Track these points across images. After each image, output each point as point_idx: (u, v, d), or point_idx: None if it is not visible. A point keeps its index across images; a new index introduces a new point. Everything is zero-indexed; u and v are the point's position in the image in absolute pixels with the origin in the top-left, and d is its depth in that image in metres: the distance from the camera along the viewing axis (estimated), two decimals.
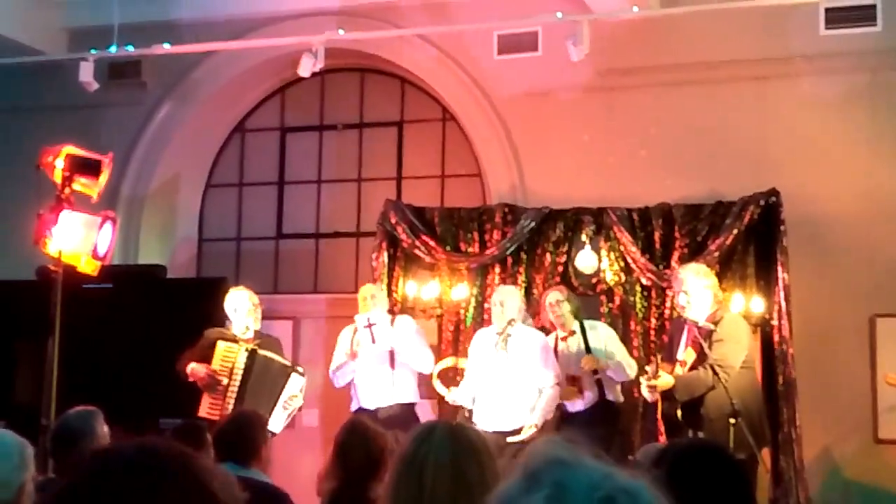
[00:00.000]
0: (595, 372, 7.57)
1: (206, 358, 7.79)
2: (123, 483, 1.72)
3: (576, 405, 7.73)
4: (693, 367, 6.82)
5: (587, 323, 7.80)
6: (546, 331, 7.99)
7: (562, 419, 7.75)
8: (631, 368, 7.64)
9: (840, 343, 8.34)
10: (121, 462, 1.76)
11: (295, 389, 7.91)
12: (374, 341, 7.96)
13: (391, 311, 8.41)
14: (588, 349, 7.61)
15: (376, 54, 9.93)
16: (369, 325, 7.97)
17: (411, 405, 8.04)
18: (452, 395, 7.82)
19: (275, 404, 7.77)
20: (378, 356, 7.99)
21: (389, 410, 7.82)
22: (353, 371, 8.11)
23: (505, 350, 7.52)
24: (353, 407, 8.06)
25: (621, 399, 7.80)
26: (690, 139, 8.86)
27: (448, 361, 8.35)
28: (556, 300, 7.73)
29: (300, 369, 8.05)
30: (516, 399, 7.61)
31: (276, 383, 7.85)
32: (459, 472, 2.56)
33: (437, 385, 8.16)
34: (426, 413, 8.35)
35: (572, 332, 7.76)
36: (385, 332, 8.00)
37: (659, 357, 7.10)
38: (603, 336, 7.78)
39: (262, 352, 7.84)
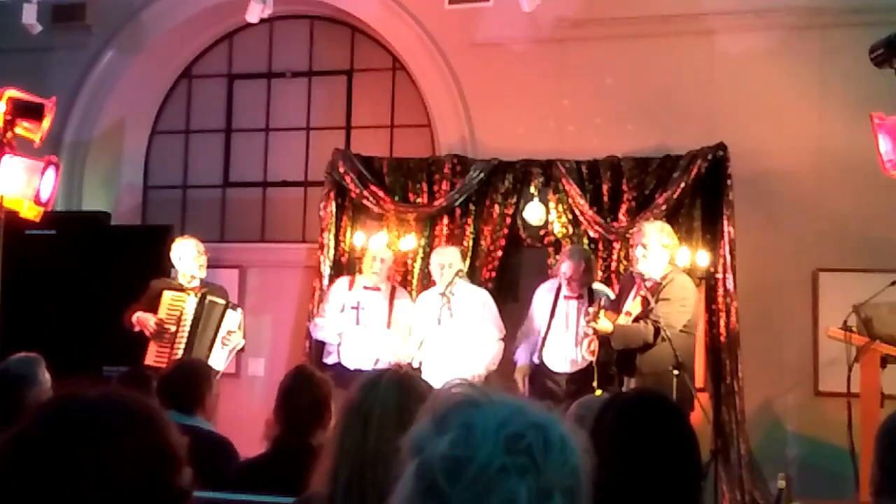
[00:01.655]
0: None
1: (153, 308, 7.76)
2: (83, 431, 1.70)
3: (564, 366, 7.71)
4: (637, 320, 6.85)
5: (596, 287, 7.81)
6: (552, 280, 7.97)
7: (547, 375, 7.69)
8: None
9: (783, 297, 8.43)
10: (83, 410, 1.74)
11: (232, 325, 7.91)
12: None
13: (338, 262, 8.40)
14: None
15: (326, 1, 9.82)
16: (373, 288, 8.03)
17: None
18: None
19: (213, 341, 7.77)
20: (376, 323, 8.00)
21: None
22: (336, 334, 8.09)
23: (449, 309, 7.58)
24: (331, 361, 8.00)
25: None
26: (640, 92, 8.86)
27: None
28: (568, 274, 7.61)
29: (238, 308, 8.03)
30: (462, 355, 7.73)
31: (214, 320, 7.83)
32: (406, 420, 2.55)
33: None
34: None
35: (580, 296, 7.73)
36: (381, 306, 8.02)
37: (602, 300, 7.12)
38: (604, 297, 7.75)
39: (211, 298, 7.83)
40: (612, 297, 7.76)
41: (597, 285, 7.90)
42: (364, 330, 8.01)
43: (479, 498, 1.37)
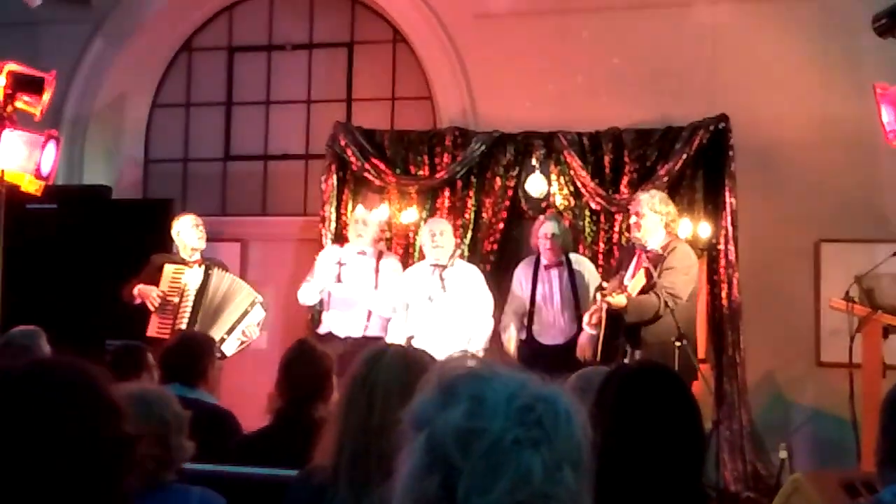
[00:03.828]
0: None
1: (154, 282, 7.77)
2: (16, 395, 1.76)
3: (557, 339, 7.73)
4: (643, 292, 6.83)
5: (572, 257, 7.83)
6: (531, 252, 7.97)
7: (538, 350, 7.70)
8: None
9: (785, 268, 8.43)
10: (11, 376, 1.81)
11: (256, 319, 7.92)
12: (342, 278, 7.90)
13: (339, 236, 8.38)
14: (574, 286, 7.63)
15: None
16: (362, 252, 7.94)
17: (380, 338, 8.02)
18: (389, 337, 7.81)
19: (234, 327, 7.79)
20: (361, 291, 7.93)
21: (358, 341, 7.77)
22: (319, 293, 8.04)
23: (442, 281, 7.56)
24: (322, 330, 8.00)
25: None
26: (642, 63, 8.82)
27: None
28: (552, 233, 7.61)
29: (263, 301, 8.02)
30: (456, 331, 7.66)
31: (240, 307, 7.84)
32: (410, 394, 2.56)
33: None
34: None
35: (559, 264, 7.74)
36: (368, 268, 7.94)
37: (621, 277, 7.07)
38: (586, 273, 7.76)
39: (220, 271, 7.84)
40: (592, 267, 7.81)
41: (575, 256, 7.90)
42: (346, 289, 7.91)
43: (493, 470, 1.37)
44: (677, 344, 6.49)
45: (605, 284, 7.03)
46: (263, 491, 3.60)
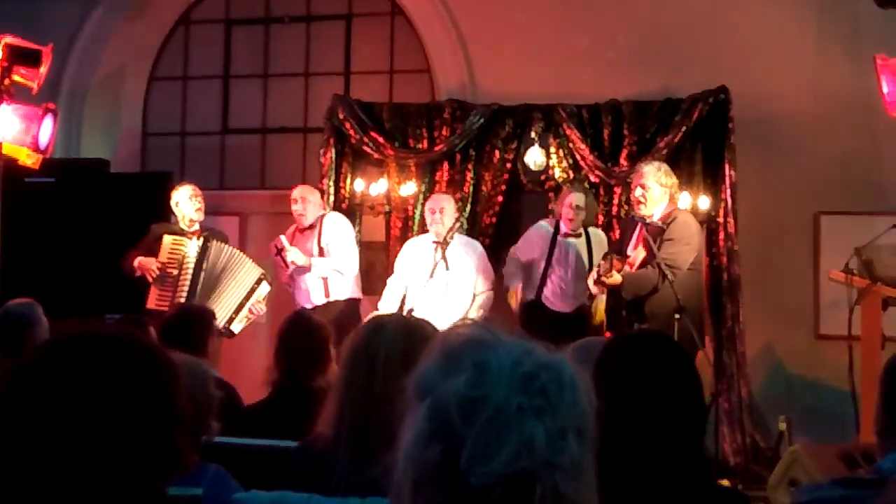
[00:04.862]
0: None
1: (153, 252, 7.75)
2: (81, 368, 1.71)
3: (565, 306, 7.75)
4: (642, 265, 6.84)
5: (591, 231, 7.85)
6: (549, 219, 8.00)
7: (544, 316, 7.73)
8: None
9: (784, 240, 8.44)
10: (86, 347, 1.75)
11: (262, 295, 7.92)
12: (286, 266, 7.94)
13: (339, 209, 8.37)
14: (591, 257, 7.62)
15: None
16: (280, 252, 7.96)
17: (353, 301, 8.03)
18: (381, 307, 7.84)
19: (242, 305, 7.78)
20: (304, 261, 7.96)
21: (327, 308, 7.79)
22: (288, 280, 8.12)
23: (444, 260, 7.55)
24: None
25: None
26: (642, 35, 8.80)
27: None
28: (576, 205, 7.60)
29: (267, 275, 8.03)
30: (455, 305, 7.69)
31: (244, 283, 7.83)
32: (412, 363, 2.56)
33: None
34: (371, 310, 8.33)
35: (577, 235, 7.74)
36: (297, 254, 7.93)
37: (612, 256, 7.06)
38: (602, 245, 7.76)
39: (219, 243, 7.82)
40: (605, 244, 7.80)
41: (594, 230, 7.90)
42: (292, 263, 7.94)
43: (495, 438, 1.36)
44: (676, 316, 6.50)
45: (601, 262, 7.02)
46: (265, 461, 3.62)
